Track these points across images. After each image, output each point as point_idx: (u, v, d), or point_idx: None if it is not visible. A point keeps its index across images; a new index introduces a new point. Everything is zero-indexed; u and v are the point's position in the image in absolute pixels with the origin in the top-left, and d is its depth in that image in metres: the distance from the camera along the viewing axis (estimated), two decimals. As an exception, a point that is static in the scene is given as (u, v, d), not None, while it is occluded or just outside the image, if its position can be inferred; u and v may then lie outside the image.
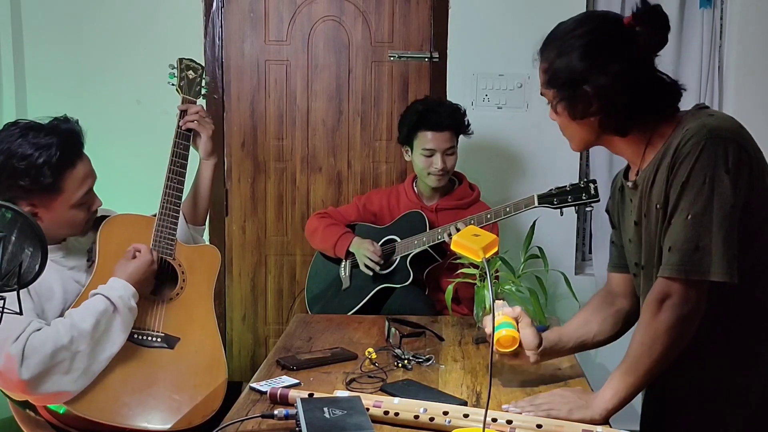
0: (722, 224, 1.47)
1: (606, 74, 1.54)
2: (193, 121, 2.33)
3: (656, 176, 1.58)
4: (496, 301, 1.87)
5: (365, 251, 2.78)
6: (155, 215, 2.23)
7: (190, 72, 2.38)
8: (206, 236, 2.65)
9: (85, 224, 2.13)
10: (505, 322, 1.79)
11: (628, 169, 1.75)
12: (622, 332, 1.85)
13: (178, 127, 2.33)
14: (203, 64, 2.49)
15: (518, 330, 1.80)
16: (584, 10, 3.25)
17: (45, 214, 2.01)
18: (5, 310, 1.28)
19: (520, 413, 1.62)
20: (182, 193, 2.28)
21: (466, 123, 2.91)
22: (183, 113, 2.35)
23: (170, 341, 2.12)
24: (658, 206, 1.57)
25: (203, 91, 2.41)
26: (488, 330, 1.80)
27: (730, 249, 1.48)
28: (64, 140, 2.01)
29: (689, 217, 1.49)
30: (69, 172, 2.01)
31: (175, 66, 2.39)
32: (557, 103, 1.62)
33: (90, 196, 2.10)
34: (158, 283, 2.18)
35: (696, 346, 1.57)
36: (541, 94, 1.68)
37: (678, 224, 1.51)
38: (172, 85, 2.38)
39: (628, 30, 1.57)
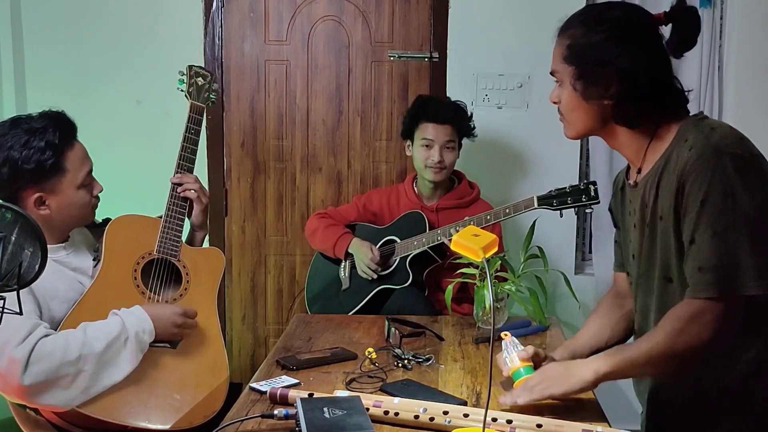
0: (749, 236, 1.46)
1: (632, 60, 1.54)
2: (192, 191, 2.29)
3: (659, 186, 1.57)
4: (507, 336, 1.83)
5: (363, 257, 2.78)
6: (161, 217, 2.24)
7: (200, 79, 2.38)
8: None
9: (91, 211, 2.15)
10: (525, 368, 1.74)
11: (628, 168, 1.75)
12: (632, 333, 1.85)
13: (186, 129, 2.32)
14: (211, 70, 2.49)
15: (536, 368, 1.78)
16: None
17: (53, 199, 2.04)
18: (5, 311, 1.28)
19: (518, 402, 1.63)
20: (186, 209, 2.29)
21: (469, 123, 2.92)
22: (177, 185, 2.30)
23: (173, 341, 2.12)
24: (662, 218, 1.57)
25: (212, 98, 2.41)
26: (505, 373, 1.78)
27: (761, 259, 1.46)
28: (57, 122, 2.05)
29: (714, 233, 1.47)
30: (70, 152, 2.06)
31: (185, 72, 2.39)
32: (576, 81, 1.60)
33: (91, 178, 2.13)
34: (163, 283, 2.19)
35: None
36: (551, 72, 1.66)
37: (703, 243, 1.49)
38: (181, 91, 2.38)
39: (656, 25, 1.58)
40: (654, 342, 1.56)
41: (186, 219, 2.30)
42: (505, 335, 1.85)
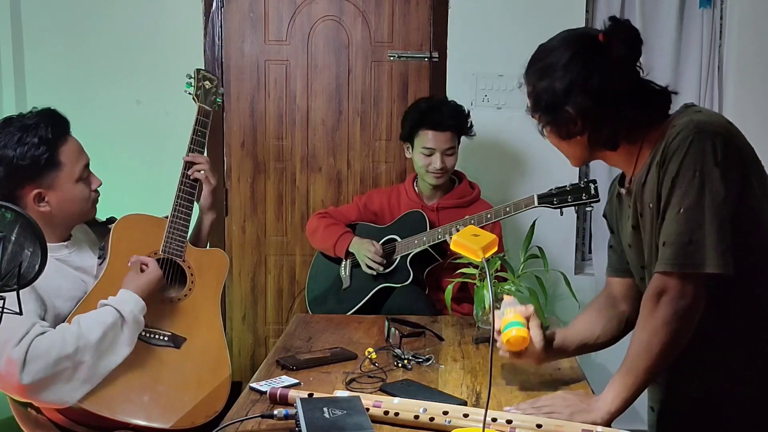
0: (714, 216, 1.47)
1: (585, 93, 1.55)
2: (200, 171, 2.32)
3: (648, 176, 1.58)
4: (507, 296, 1.85)
5: (367, 252, 2.78)
6: (167, 217, 2.25)
7: (207, 82, 2.41)
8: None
9: (91, 206, 2.15)
10: (515, 321, 1.76)
11: (623, 175, 1.75)
12: (624, 334, 1.85)
13: (193, 132, 2.34)
14: (211, 70, 2.51)
15: (528, 329, 1.79)
16: (583, 10, 3.25)
17: (52, 195, 2.05)
18: (5, 311, 1.28)
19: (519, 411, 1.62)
20: (194, 196, 2.32)
21: (468, 124, 2.92)
22: (190, 164, 2.34)
23: (177, 341, 2.13)
24: (651, 205, 1.58)
25: (218, 101, 2.42)
26: (496, 326, 1.78)
27: (723, 241, 1.48)
28: (49, 118, 2.06)
29: (681, 210, 1.49)
30: (64, 146, 2.06)
31: (192, 76, 2.42)
32: (544, 126, 1.64)
33: (89, 172, 2.14)
34: (167, 283, 2.20)
35: (697, 347, 1.56)
36: (532, 116, 1.69)
37: (670, 218, 1.51)
38: (189, 94, 2.40)
39: (604, 46, 1.58)
40: (634, 335, 1.58)
41: (191, 221, 2.31)
42: (507, 296, 1.85)
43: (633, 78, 1.60)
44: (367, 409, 1.56)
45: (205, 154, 2.39)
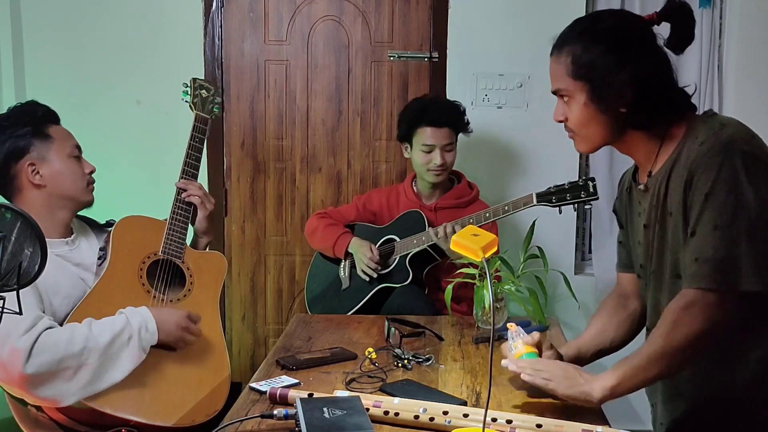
0: (751, 234, 1.48)
1: (640, 64, 1.55)
2: (196, 197, 2.32)
3: (669, 183, 1.58)
4: (512, 326, 1.84)
5: (362, 256, 2.78)
6: (166, 219, 2.26)
7: (203, 91, 2.42)
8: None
9: (86, 187, 2.17)
10: (528, 353, 1.76)
11: (635, 170, 1.75)
12: (637, 333, 1.85)
13: (191, 138, 2.35)
14: (215, 83, 2.52)
15: (540, 355, 1.79)
16: (583, 10, 3.25)
17: (45, 167, 2.10)
18: (5, 310, 1.28)
19: (518, 372, 1.65)
20: (191, 205, 2.32)
21: (465, 121, 2.92)
22: (182, 190, 2.33)
23: (177, 346, 2.12)
24: (672, 212, 1.57)
25: (216, 110, 2.43)
26: (508, 359, 1.78)
27: (761, 257, 1.48)
28: (37, 104, 2.18)
29: (717, 228, 1.48)
30: (53, 126, 2.16)
31: (189, 85, 2.43)
32: (590, 95, 1.59)
33: (80, 154, 2.19)
34: (167, 284, 2.21)
35: (714, 352, 1.57)
36: (554, 92, 1.66)
37: (704, 235, 1.50)
38: (186, 101, 2.40)
39: (649, 26, 1.60)
40: (653, 340, 1.56)
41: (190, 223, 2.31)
42: (511, 326, 1.85)
43: (671, 65, 1.61)
44: (367, 409, 1.56)
45: (205, 155, 2.39)
